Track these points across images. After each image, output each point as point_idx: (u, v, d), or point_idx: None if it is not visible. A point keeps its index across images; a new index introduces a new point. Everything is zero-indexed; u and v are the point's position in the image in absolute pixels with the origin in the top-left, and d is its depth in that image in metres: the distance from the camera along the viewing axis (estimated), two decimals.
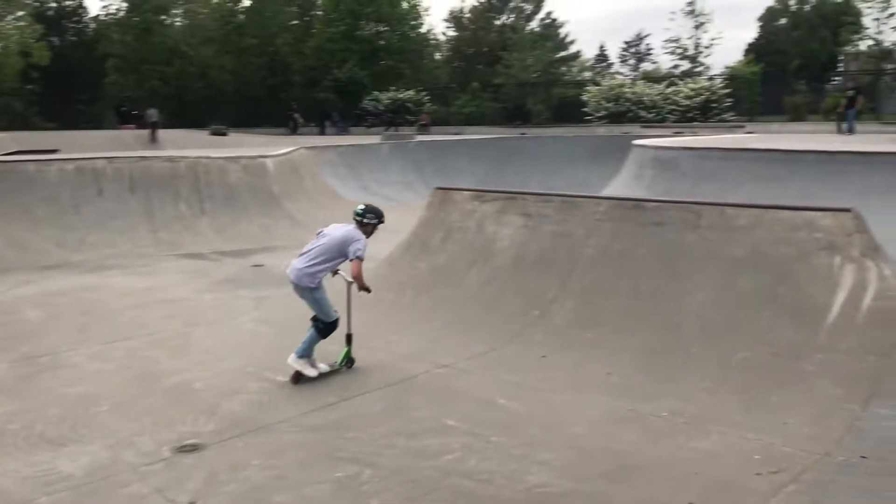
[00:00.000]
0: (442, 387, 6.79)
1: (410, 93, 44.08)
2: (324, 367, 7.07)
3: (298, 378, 6.90)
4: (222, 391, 6.70)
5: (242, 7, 49.64)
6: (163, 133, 32.64)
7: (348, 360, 7.27)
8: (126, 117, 40.33)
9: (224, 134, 33.89)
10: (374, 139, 29.01)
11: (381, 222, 7.20)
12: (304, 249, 7.12)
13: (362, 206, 7.21)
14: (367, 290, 6.96)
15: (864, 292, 6.71)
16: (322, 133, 40.10)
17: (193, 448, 5.48)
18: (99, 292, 11.02)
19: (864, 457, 5.07)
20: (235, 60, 49.03)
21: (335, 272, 7.15)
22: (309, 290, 6.96)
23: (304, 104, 45.02)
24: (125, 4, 50.74)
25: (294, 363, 6.90)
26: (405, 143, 28.20)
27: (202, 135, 33.89)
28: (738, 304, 7.15)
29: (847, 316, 6.63)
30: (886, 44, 42.92)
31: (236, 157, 17.78)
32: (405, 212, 16.37)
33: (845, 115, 25.65)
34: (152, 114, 32.99)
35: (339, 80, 45.07)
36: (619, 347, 7.25)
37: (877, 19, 42.72)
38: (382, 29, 50.95)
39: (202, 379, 7.06)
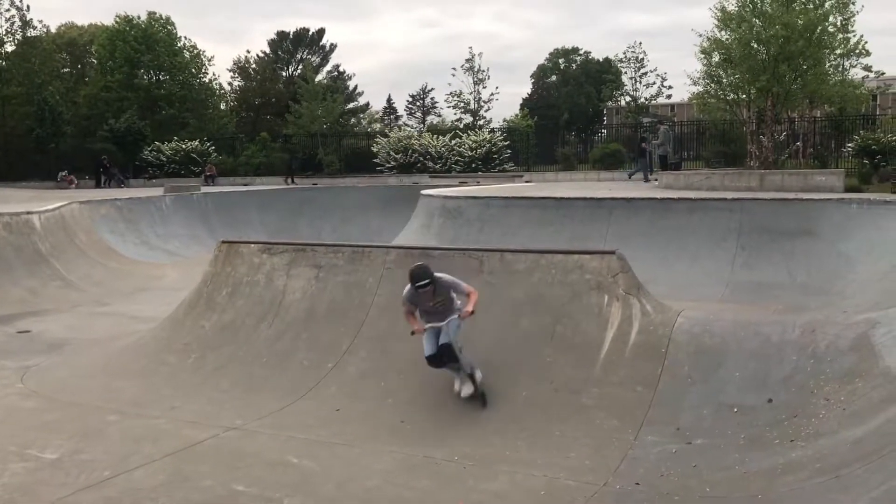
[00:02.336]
0: (230, 451, 6.48)
1: (195, 143, 42.56)
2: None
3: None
4: None
5: (4, 52, 45.77)
6: None
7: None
8: None
9: None
10: (157, 191, 27.60)
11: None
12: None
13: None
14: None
15: (630, 328, 7.29)
16: (98, 186, 37.60)
17: None
18: None
19: (637, 483, 5.43)
20: None
21: None
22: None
23: (78, 155, 42.07)
24: None
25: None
26: (190, 196, 27.10)
27: None
28: (521, 344, 7.49)
29: (617, 350, 7.16)
30: (641, 99, 47.63)
31: None
32: (190, 267, 15.70)
33: (639, 164, 27.98)
34: None
35: (117, 130, 42.58)
36: (412, 394, 7.32)
37: (632, 78, 47.47)
38: (163, 77, 48.98)
39: None
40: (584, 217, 15.86)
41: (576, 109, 66.20)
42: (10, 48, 46.22)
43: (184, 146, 42.56)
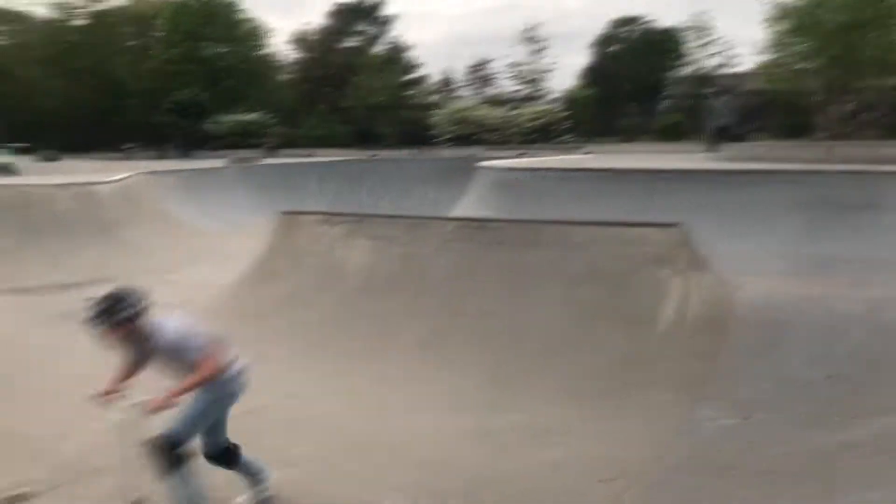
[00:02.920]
0: (290, 415, 6.64)
1: (255, 115, 43.22)
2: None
3: None
4: (55, 435, 6.25)
5: (74, 27, 46.97)
6: None
7: None
8: None
9: (55, 159, 31.87)
10: (219, 162, 28.15)
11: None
12: None
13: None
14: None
15: (690, 301, 7.21)
16: (161, 157, 38.55)
17: (23, 497, 5.08)
18: None
19: (692, 457, 5.41)
20: (66, 83, 46.27)
21: None
22: None
23: (142, 127, 43.16)
24: None
25: None
26: (251, 167, 27.57)
27: (31, 162, 31.74)
28: (577, 317, 7.47)
29: (676, 324, 7.09)
30: (705, 69, 46.50)
31: (66, 184, 16.74)
32: (252, 236, 15.98)
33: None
34: None
35: (180, 103, 43.53)
36: (468, 365, 7.38)
37: (697, 47, 46.29)
38: (224, 50, 49.72)
39: (33, 423, 6.55)
40: (644, 189, 15.62)
41: (637, 79, 64.85)
42: (79, 22, 47.45)
43: (244, 118, 43.28)
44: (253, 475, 4.97)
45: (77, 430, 6.37)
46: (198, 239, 18.81)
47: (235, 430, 6.24)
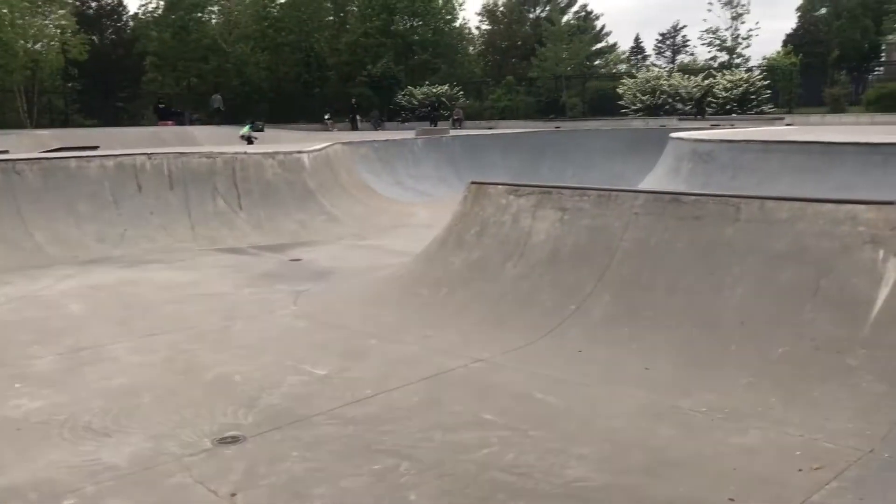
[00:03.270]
0: (478, 381, 6.80)
1: (444, 87, 44.07)
2: None
3: None
4: (262, 384, 6.78)
5: (278, 4, 49.95)
6: (197, 130, 33.17)
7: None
8: (165, 114, 40.99)
9: (260, 130, 34.25)
10: (409, 134, 29.04)
11: None
12: None
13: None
14: None
15: None
16: (354, 128, 40.27)
17: (234, 440, 5.56)
18: (139, 286, 11.22)
19: None
20: (271, 57, 49.40)
21: None
22: None
23: (340, 99, 45.27)
24: (162, 3, 51.36)
25: None
26: (439, 139, 28.22)
27: (239, 131, 34.33)
28: (779, 298, 7.04)
29: (891, 311, 6.50)
30: None
31: (272, 152, 17.95)
32: (439, 207, 16.43)
33: None
34: (216, 99, 36.10)
35: (374, 76, 45.24)
36: (657, 342, 7.19)
37: None
38: (416, 24, 50.97)
39: (242, 372, 7.15)
40: (855, 164, 14.39)
41: (848, 45, 59.47)
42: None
43: (434, 90, 44.24)
44: None
45: (283, 381, 6.89)
46: (389, 207, 19.61)
47: (426, 392, 6.51)
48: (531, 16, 64.91)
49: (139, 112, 51.46)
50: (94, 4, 57.36)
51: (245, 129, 30.59)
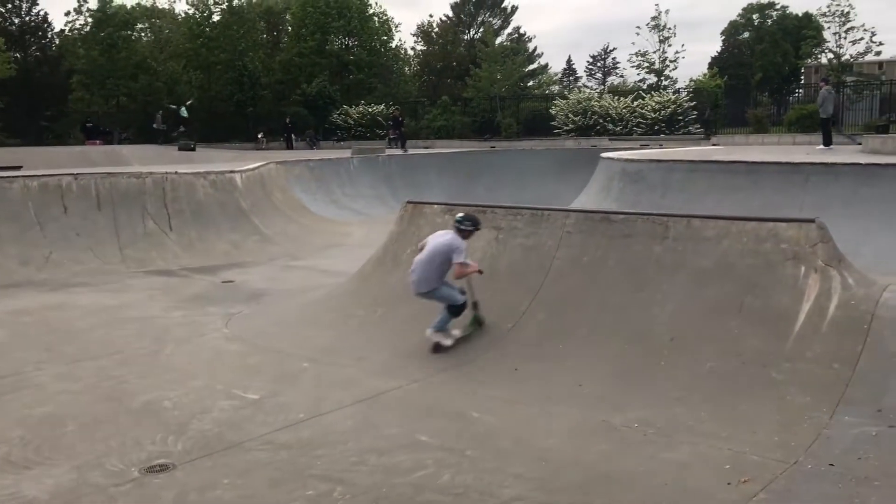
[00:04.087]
0: (414, 402, 6.77)
1: (380, 107, 44.09)
2: (457, 332, 8.08)
3: (437, 348, 7.92)
4: (192, 410, 6.62)
5: (211, 22, 49.30)
6: (127, 149, 32.50)
7: (478, 322, 8.25)
8: (92, 133, 39.90)
9: (192, 149, 33.62)
10: (345, 153, 28.92)
11: (478, 229, 8.25)
12: (413, 263, 8.05)
13: (461, 215, 8.21)
14: (480, 272, 8.23)
15: (828, 301, 6.82)
16: (288, 147, 39.87)
17: (163, 468, 5.41)
18: (65, 311, 10.84)
19: (831, 464, 5.13)
20: (203, 76, 48.65)
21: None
22: (430, 292, 7.94)
23: (273, 118, 44.83)
24: (91, 20, 50.11)
25: (432, 336, 7.93)
26: (375, 158, 28.16)
27: (170, 150, 33.67)
28: (706, 313, 7.22)
29: (813, 325, 6.73)
30: (845, 57, 43.76)
31: (204, 172, 17.63)
32: (375, 226, 16.37)
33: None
34: (158, 118, 39.25)
35: (308, 95, 44.97)
36: (590, 358, 7.28)
37: (836, 33, 43.52)
38: (352, 44, 50.96)
39: (171, 398, 6.96)
40: (778, 183, 14.90)
41: (770, 68, 61.98)
42: (216, 18, 49.71)
43: (370, 110, 44.20)
44: None
45: (213, 406, 6.73)
46: (325, 226, 19.43)
47: (361, 415, 6.43)
48: (465, 37, 65.67)
49: (66, 131, 49.89)
50: (17, 21, 55.62)
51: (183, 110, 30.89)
